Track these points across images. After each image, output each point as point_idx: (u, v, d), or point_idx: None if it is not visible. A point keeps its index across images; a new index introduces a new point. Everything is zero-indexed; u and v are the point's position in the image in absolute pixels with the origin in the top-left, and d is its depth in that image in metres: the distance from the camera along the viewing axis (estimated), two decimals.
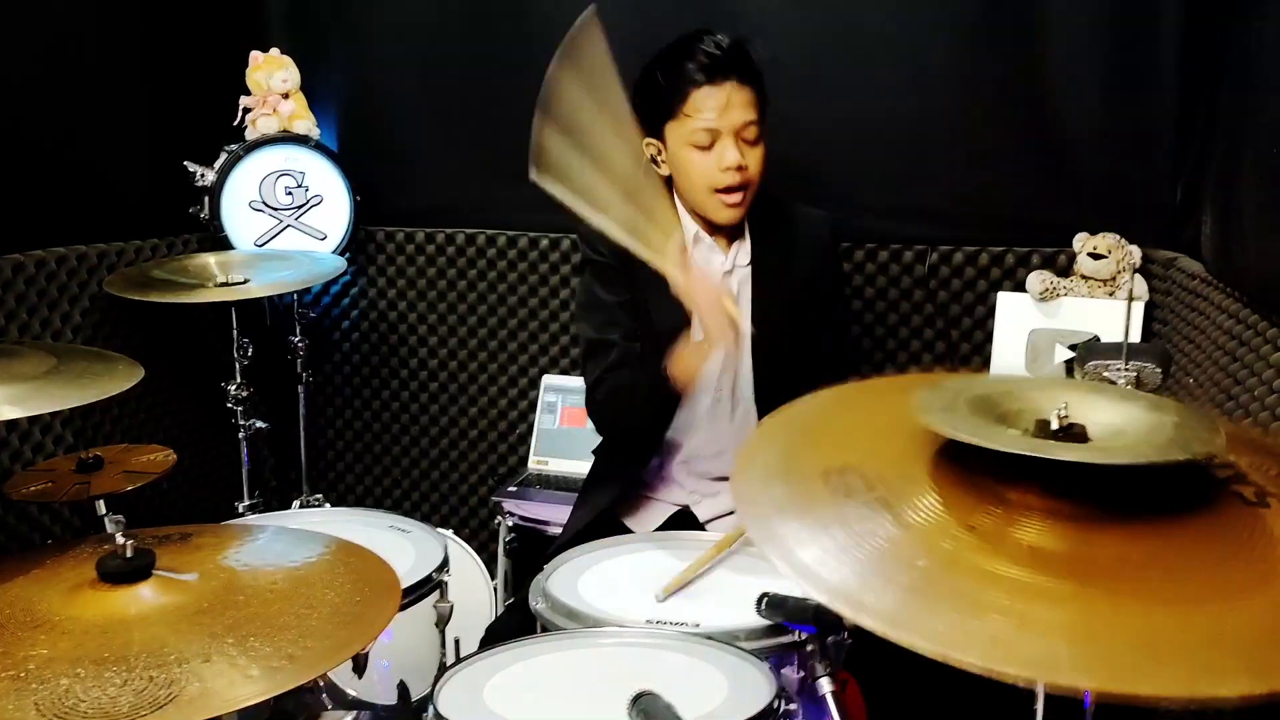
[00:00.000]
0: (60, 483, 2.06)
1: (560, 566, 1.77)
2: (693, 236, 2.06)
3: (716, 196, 1.99)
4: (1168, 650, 0.91)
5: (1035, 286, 2.49)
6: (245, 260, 2.69)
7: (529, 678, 1.43)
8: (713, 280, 1.91)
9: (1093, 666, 0.90)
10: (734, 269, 2.08)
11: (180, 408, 2.85)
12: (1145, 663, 0.90)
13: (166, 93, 2.79)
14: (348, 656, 1.25)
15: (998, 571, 0.99)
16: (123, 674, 1.15)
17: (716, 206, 2.00)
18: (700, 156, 1.97)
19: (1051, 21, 2.46)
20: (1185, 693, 0.88)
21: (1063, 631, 0.93)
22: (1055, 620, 0.94)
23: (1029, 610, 0.95)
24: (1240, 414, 1.86)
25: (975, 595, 0.97)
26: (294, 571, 1.40)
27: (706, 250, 2.07)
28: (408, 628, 1.80)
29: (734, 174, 1.96)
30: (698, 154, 1.98)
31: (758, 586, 1.52)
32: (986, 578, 0.99)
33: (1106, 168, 2.49)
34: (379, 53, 2.94)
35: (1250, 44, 1.91)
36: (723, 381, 2.08)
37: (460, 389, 3.06)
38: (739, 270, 2.08)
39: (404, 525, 2.02)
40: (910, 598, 0.97)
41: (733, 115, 1.96)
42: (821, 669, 1.43)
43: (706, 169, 1.98)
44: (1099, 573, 1.00)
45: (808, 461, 1.17)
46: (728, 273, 2.07)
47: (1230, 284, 1.99)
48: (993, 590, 0.97)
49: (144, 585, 1.31)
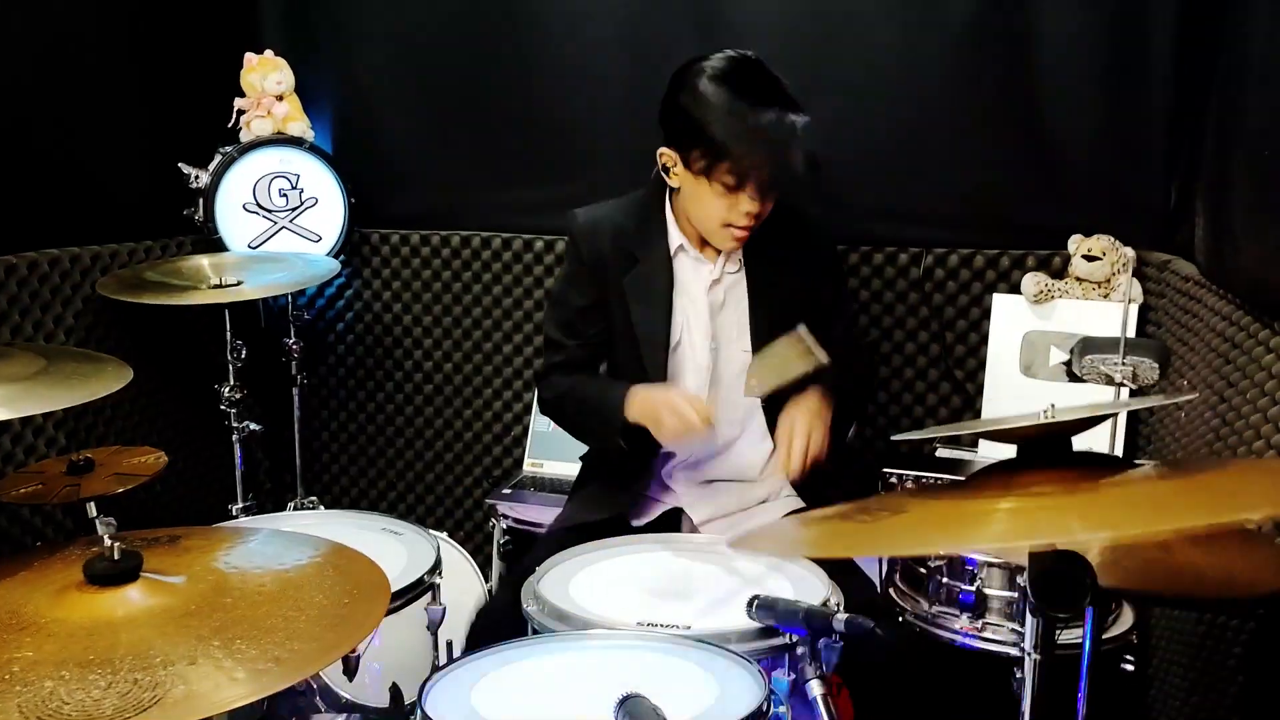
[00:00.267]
0: (51, 485, 2.05)
1: (553, 568, 1.77)
2: (676, 247, 2.04)
3: (726, 230, 1.96)
4: (1181, 496, 0.96)
5: (1030, 289, 2.49)
6: (239, 262, 2.68)
7: (517, 680, 1.42)
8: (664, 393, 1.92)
9: (1107, 520, 0.96)
10: (722, 277, 2.05)
11: (174, 410, 2.85)
12: (1160, 508, 0.95)
13: (161, 94, 2.79)
14: (335, 659, 1.24)
15: (997, 508, 1.04)
16: (107, 676, 1.14)
17: (724, 238, 1.97)
18: (721, 194, 1.91)
19: (1046, 24, 2.46)
20: (1210, 519, 0.90)
21: (1072, 511, 0.98)
22: (1062, 507, 1.00)
23: (1033, 513, 1.01)
24: (1234, 416, 1.86)
25: (979, 517, 1.03)
26: (282, 574, 1.39)
27: (692, 262, 2.05)
28: (399, 630, 1.80)
29: (750, 218, 1.94)
30: (720, 191, 1.90)
31: (749, 589, 1.52)
32: (986, 512, 1.04)
33: (1101, 170, 2.49)
34: (373, 55, 2.94)
35: (1240, 46, 1.91)
36: (708, 385, 2.06)
37: (455, 391, 3.05)
38: (728, 278, 2.06)
39: (396, 527, 2.02)
40: (919, 527, 1.05)
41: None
42: (812, 672, 1.43)
43: (724, 208, 1.92)
44: (1094, 489, 1.04)
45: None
46: (715, 281, 2.05)
47: (1223, 285, 1.99)
48: (994, 516, 1.03)
49: (131, 587, 1.30)
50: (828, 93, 2.58)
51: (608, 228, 2.06)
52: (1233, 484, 1.02)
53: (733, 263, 2.06)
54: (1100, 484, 1.03)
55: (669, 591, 1.71)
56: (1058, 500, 1.01)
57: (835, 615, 1.42)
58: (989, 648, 1.71)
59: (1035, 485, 1.05)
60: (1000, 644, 1.71)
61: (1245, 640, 1.78)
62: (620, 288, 2.02)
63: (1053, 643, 1.20)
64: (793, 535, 1.29)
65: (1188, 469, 1.15)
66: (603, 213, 2.09)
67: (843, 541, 1.12)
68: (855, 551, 1.03)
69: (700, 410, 1.84)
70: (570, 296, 2.08)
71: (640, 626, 1.55)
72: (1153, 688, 2.18)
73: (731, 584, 1.70)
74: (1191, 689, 1.98)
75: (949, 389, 2.66)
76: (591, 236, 2.06)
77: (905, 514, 1.08)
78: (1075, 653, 1.35)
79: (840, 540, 1.13)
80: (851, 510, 1.14)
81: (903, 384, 2.69)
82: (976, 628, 1.73)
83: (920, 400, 2.70)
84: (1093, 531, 0.96)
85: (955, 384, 2.65)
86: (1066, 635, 1.31)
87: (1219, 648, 1.89)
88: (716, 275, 2.05)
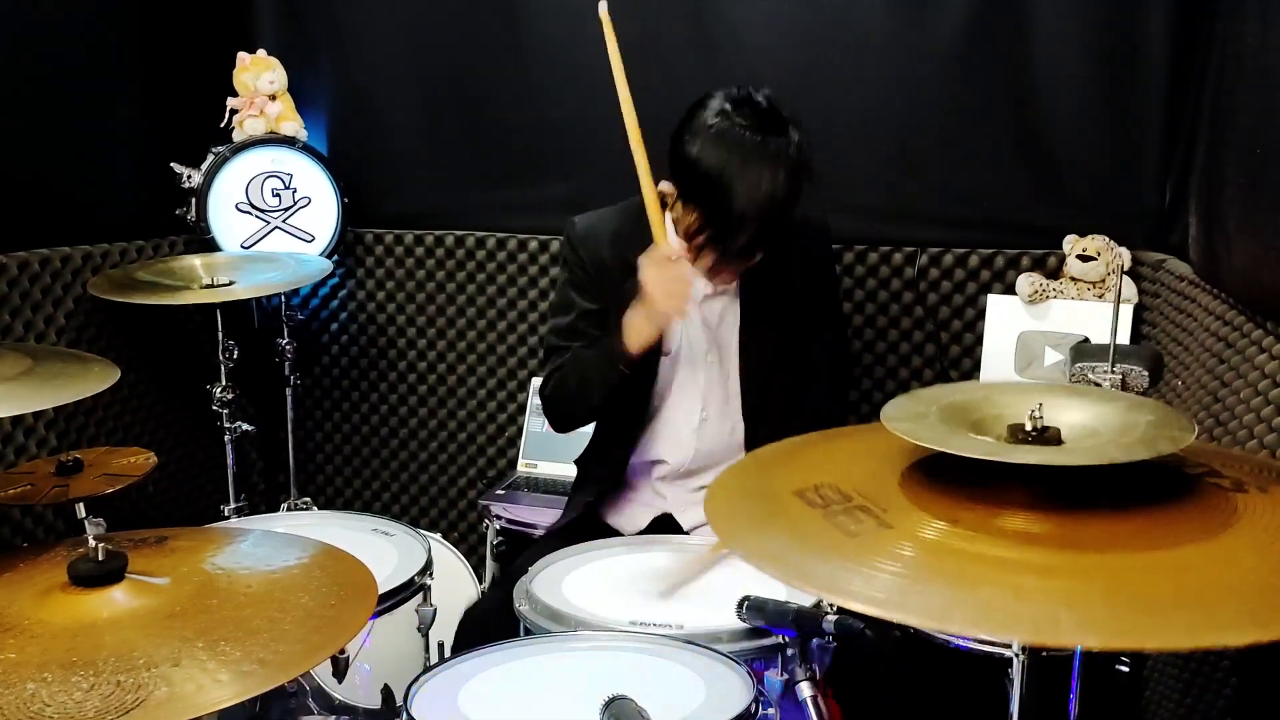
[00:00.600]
0: (39, 485, 2.04)
1: (545, 568, 1.76)
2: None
3: (717, 275, 1.95)
4: (1169, 606, 0.90)
5: (1025, 289, 2.48)
6: (231, 262, 2.67)
7: (505, 682, 1.41)
8: (664, 250, 1.87)
9: (1095, 625, 0.89)
10: (715, 294, 2.03)
11: (165, 410, 2.84)
12: (1148, 619, 0.89)
13: (153, 93, 2.78)
14: (320, 661, 1.23)
15: (986, 553, 0.99)
16: (90, 678, 1.13)
17: (717, 270, 1.95)
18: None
19: (1040, 24, 2.45)
20: (1191, 644, 0.88)
21: (1060, 596, 0.92)
22: (1050, 588, 0.94)
23: (1022, 582, 0.94)
24: (1228, 416, 1.85)
25: (966, 573, 0.97)
26: (269, 575, 1.39)
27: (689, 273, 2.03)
28: (389, 632, 1.79)
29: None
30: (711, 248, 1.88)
31: (739, 589, 1.51)
32: (976, 559, 0.99)
33: (1095, 170, 2.48)
34: (367, 54, 2.93)
35: (1232, 45, 1.90)
36: (709, 399, 2.06)
37: (449, 392, 3.04)
38: (720, 296, 2.03)
39: (388, 528, 2.01)
40: (900, 581, 0.97)
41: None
42: (802, 673, 1.43)
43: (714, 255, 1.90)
44: (1089, 546, 1.00)
45: (778, 485, 1.17)
46: (709, 296, 2.02)
47: (1217, 286, 1.98)
48: (983, 567, 0.97)
49: (116, 589, 1.29)
50: (822, 92, 2.58)
51: (606, 234, 2.04)
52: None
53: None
54: (1089, 535, 1.00)
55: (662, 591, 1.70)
56: (1048, 560, 0.97)
57: (825, 616, 1.41)
58: (981, 649, 1.70)
59: (1017, 514, 1.03)
60: (992, 645, 1.70)
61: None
62: (620, 294, 1.96)
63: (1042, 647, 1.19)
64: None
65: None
66: (601, 219, 2.07)
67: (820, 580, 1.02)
68: (830, 594, 0.98)
69: (667, 250, 1.83)
70: (572, 302, 2.05)
71: (633, 626, 1.54)
72: (1147, 689, 2.17)
73: (722, 584, 1.69)
74: (1186, 690, 1.97)
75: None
76: (591, 243, 2.04)
77: (890, 529, 1.04)
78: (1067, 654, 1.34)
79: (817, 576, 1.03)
80: (837, 505, 1.10)
81: (897, 384, 2.68)
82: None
83: None
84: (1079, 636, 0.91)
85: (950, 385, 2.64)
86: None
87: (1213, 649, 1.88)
88: (709, 290, 2.02)
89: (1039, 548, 0.98)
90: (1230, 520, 1.02)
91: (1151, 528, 1.01)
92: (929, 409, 1.16)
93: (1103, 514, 1.03)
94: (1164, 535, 0.99)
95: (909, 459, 1.16)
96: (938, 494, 1.07)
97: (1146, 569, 0.94)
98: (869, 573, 0.97)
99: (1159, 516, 1.03)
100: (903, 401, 1.21)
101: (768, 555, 1.02)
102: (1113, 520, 1.02)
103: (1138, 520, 1.02)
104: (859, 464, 1.18)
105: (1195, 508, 1.05)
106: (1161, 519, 1.03)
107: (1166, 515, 1.03)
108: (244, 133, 2.84)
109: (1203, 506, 1.05)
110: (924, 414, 1.15)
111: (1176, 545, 0.98)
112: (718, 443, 2.07)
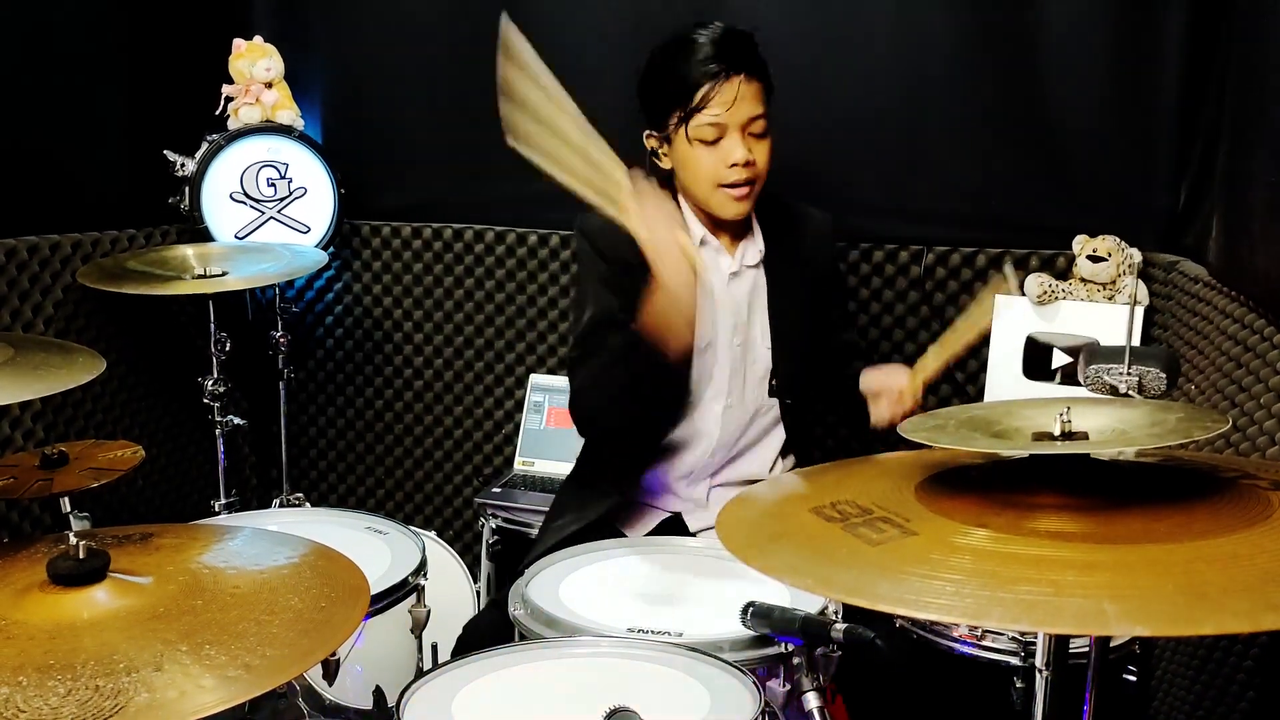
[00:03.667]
0: (22, 479, 1.99)
1: (542, 571, 1.72)
2: (699, 239, 1.99)
3: (722, 191, 1.93)
4: (1220, 593, 0.87)
5: (1033, 289, 2.44)
6: (224, 252, 2.63)
7: (500, 690, 1.37)
8: (664, 209, 1.82)
9: (1145, 615, 0.87)
10: (741, 270, 2.02)
11: (155, 403, 2.79)
12: (1201, 606, 0.86)
13: (147, 80, 2.74)
14: (309, 666, 1.18)
15: (1021, 553, 0.97)
16: (67, 682, 1.08)
17: (722, 202, 1.94)
18: (706, 152, 1.92)
19: (1052, 20, 2.41)
20: (1250, 627, 0.84)
21: (1104, 589, 0.90)
22: (1093, 583, 0.91)
23: (1061, 578, 0.92)
24: (1245, 421, 1.81)
25: (1002, 572, 0.94)
26: (257, 575, 1.34)
27: (713, 253, 2.01)
28: (382, 633, 1.76)
29: (741, 170, 1.91)
30: (704, 149, 1.92)
31: (744, 594, 1.46)
32: (1011, 559, 0.96)
33: (1107, 169, 2.44)
34: (365, 42, 2.88)
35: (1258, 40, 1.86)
36: (733, 385, 2.03)
37: (446, 387, 3.00)
38: (746, 272, 2.03)
39: (381, 526, 1.97)
40: (931, 583, 0.94)
41: (740, 110, 1.90)
42: (808, 683, 1.38)
43: (712, 164, 1.92)
44: (1128, 540, 0.97)
45: (790, 505, 1.16)
46: (734, 274, 2.01)
47: (1236, 288, 1.94)
48: (1019, 566, 0.95)
49: (98, 588, 1.24)
50: (829, 89, 2.55)
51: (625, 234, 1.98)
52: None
53: (751, 255, 2.03)
54: (1127, 532, 0.97)
55: (662, 597, 1.66)
56: (1083, 556, 0.94)
57: (834, 625, 1.36)
58: (988, 656, 1.67)
59: (1049, 516, 0.99)
60: (1000, 653, 1.66)
61: (1256, 653, 1.73)
62: (644, 289, 1.85)
63: (1065, 659, 1.15)
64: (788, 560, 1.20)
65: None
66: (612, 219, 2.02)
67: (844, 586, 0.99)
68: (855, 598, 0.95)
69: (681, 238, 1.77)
70: (602, 296, 1.96)
71: (631, 633, 1.49)
72: (1156, 699, 2.13)
73: (727, 589, 1.64)
74: (1198, 701, 1.93)
75: (949, 390, 2.61)
76: (609, 236, 1.98)
77: (917, 535, 1.00)
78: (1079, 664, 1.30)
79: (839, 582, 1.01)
80: (857, 518, 1.07)
81: None
82: (975, 636, 1.68)
83: (921, 401, 2.64)
84: (1128, 626, 0.88)
85: (956, 386, 2.60)
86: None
87: (1227, 659, 1.84)
88: (735, 269, 2.01)
89: (1076, 545, 0.96)
90: (1271, 511, 0.99)
91: (1191, 522, 0.99)
92: (947, 422, 1.14)
93: (1138, 512, 1.00)
94: (1206, 528, 0.98)
95: (924, 474, 1.14)
96: (961, 504, 1.04)
97: (1193, 559, 0.92)
98: (897, 576, 0.93)
99: (1197, 511, 1.01)
100: (919, 419, 1.19)
101: (785, 567, 0.98)
102: (1149, 517, 1.00)
103: (1176, 516, 1.00)
104: (874, 483, 1.17)
105: (1233, 504, 1.03)
106: (1200, 513, 1.01)
107: (1205, 510, 1.02)
108: (239, 121, 2.79)
109: (1240, 504, 1.03)
110: (943, 426, 1.12)
111: (1222, 535, 0.96)
112: (735, 430, 2.04)
